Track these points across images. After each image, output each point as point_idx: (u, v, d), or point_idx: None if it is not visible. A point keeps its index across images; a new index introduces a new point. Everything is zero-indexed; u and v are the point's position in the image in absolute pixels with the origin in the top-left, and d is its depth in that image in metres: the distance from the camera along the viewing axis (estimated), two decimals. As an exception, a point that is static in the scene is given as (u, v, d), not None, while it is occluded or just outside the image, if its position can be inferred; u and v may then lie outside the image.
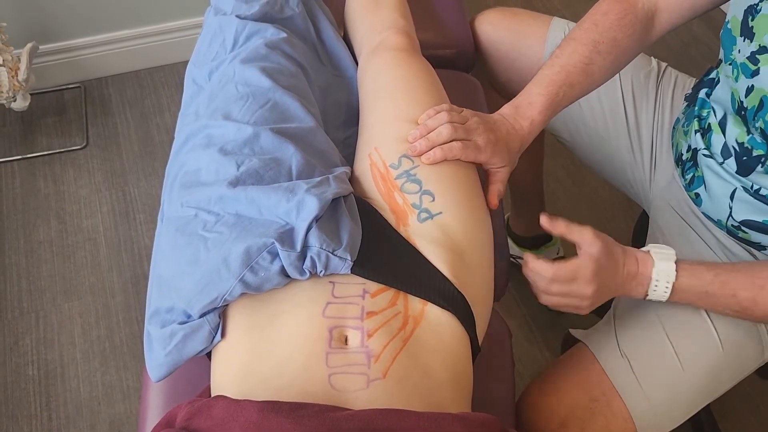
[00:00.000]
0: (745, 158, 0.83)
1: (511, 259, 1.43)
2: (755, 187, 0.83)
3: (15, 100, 1.56)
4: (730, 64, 0.84)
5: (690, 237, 0.94)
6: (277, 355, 0.65)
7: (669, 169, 1.01)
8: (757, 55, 0.78)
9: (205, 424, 0.59)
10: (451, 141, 0.79)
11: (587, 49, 0.88)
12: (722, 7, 0.92)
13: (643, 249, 0.83)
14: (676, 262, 0.81)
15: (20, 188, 1.63)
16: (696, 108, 0.95)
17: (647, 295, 0.82)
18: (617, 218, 1.64)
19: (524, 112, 0.85)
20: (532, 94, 0.86)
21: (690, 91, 1.01)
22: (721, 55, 0.88)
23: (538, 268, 0.78)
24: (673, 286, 0.81)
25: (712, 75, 0.95)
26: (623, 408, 0.82)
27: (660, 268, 0.81)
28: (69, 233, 1.56)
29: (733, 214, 0.87)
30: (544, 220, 0.81)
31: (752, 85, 0.80)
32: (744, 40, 0.81)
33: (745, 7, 0.80)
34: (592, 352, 0.86)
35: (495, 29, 1.14)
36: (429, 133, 0.79)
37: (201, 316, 0.68)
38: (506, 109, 0.86)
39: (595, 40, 0.88)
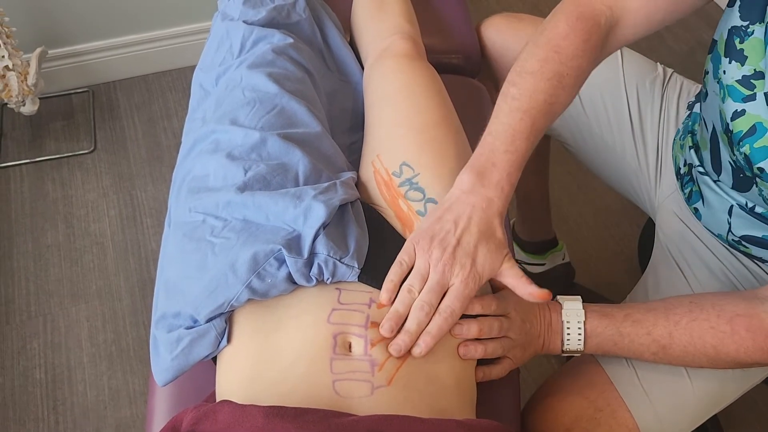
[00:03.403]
0: (741, 175, 0.80)
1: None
2: (750, 204, 0.82)
3: (24, 104, 1.57)
4: (717, 82, 0.81)
5: (695, 245, 0.94)
6: (282, 361, 0.66)
7: (673, 179, 1.00)
8: (752, 80, 0.75)
9: (211, 428, 0.59)
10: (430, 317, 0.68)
11: (551, 85, 0.75)
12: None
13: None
14: (583, 305, 0.78)
15: (28, 192, 1.64)
16: (690, 122, 0.94)
17: (563, 345, 0.78)
18: (623, 224, 1.64)
19: (490, 178, 0.71)
20: (497, 151, 0.72)
21: (693, 99, 1.00)
22: (708, 68, 0.84)
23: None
24: (585, 329, 0.77)
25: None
26: (628, 418, 0.82)
27: (568, 308, 0.78)
28: (76, 237, 1.57)
29: (732, 229, 0.86)
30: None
31: (743, 110, 0.76)
32: (730, 62, 0.78)
33: (729, 27, 0.78)
34: (597, 362, 0.86)
35: (501, 35, 1.14)
36: (400, 319, 0.67)
37: (208, 321, 0.69)
38: (466, 182, 0.72)
39: (558, 72, 0.76)
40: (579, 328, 0.77)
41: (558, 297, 0.80)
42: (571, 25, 0.78)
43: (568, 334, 0.77)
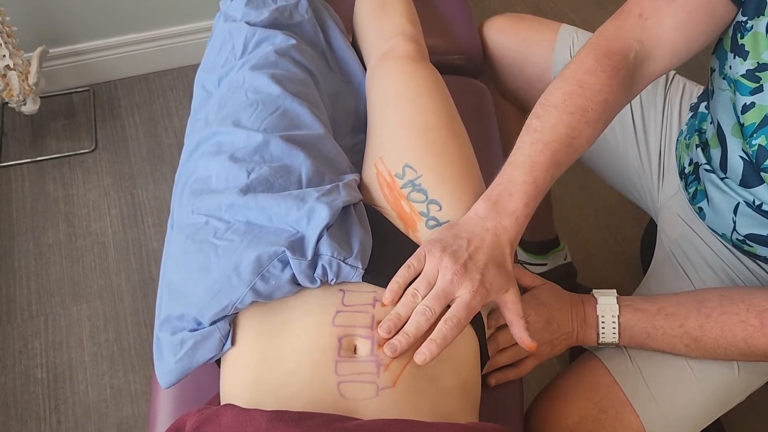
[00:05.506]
0: (752, 169, 0.81)
1: (519, 265, 1.43)
2: (757, 202, 0.82)
3: (25, 104, 1.57)
4: (724, 78, 0.82)
5: (698, 246, 0.94)
6: (287, 364, 0.66)
7: (676, 180, 1.00)
8: (756, 73, 0.77)
9: (214, 432, 0.59)
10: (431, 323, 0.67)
11: (574, 119, 0.75)
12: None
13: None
14: (617, 299, 0.82)
15: (30, 191, 1.64)
16: (697, 121, 0.94)
17: (599, 337, 0.82)
18: (625, 224, 1.64)
19: (505, 206, 0.72)
20: (514, 181, 0.73)
21: (695, 101, 1.00)
22: (714, 65, 0.85)
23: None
24: (619, 323, 0.81)
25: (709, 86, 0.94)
26: (634, 419, 0.82)
27: (602, 303, 0.82)
28: (78, 236, 1.57)
29: (737, 228, 0.86)
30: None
31: (752, 102, 0.78)
32: (734, 57, 0.79)
33: (734, 24, 0.79)
34: (603, 363, 0.86)
35: (503, 35, 1.14)
36: (400, 322, 0.67)
37: (211, 324, 0.69)
38: (482, 208, 0.73)
39: (582, 107, 0.75)
40: (613, 323, 0.81)
41: (594, 291, 0.83)
42: (599, 61, 0.77)
43: (603, 327, 0.82)
